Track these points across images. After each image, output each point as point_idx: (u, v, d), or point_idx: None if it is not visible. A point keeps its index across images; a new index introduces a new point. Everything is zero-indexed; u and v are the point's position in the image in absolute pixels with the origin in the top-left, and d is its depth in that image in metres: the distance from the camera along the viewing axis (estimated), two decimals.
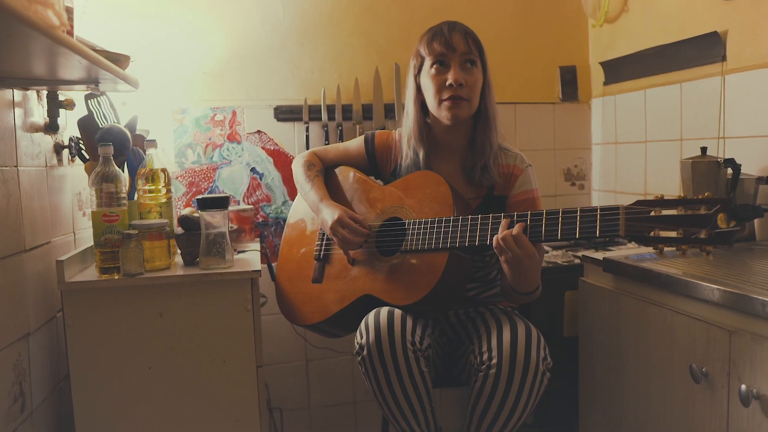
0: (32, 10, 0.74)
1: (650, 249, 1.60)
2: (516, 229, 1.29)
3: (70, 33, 1.15)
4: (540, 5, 2.46)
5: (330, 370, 2.33)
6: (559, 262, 1.84)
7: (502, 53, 2.43)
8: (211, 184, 2.19)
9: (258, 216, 2.24)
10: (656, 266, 1.43)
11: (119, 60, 1.35)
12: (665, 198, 1.12)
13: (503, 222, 1.32)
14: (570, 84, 2.48)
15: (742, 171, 1.65)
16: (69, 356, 1.48)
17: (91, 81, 1.29)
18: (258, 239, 2.12)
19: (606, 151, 2.46)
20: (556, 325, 1.82)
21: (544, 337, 1.81)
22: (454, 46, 1.49)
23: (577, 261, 1.78)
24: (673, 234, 1.10)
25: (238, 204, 2.21)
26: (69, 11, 1.13)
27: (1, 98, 1.32)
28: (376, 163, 1.68)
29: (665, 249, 1.12)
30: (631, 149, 2.29)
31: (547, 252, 1.96)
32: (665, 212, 1.11)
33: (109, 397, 1.50)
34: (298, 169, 1.69)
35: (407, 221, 1.48)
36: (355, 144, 1.71)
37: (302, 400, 2.31)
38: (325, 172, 1.70)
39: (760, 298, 1.11)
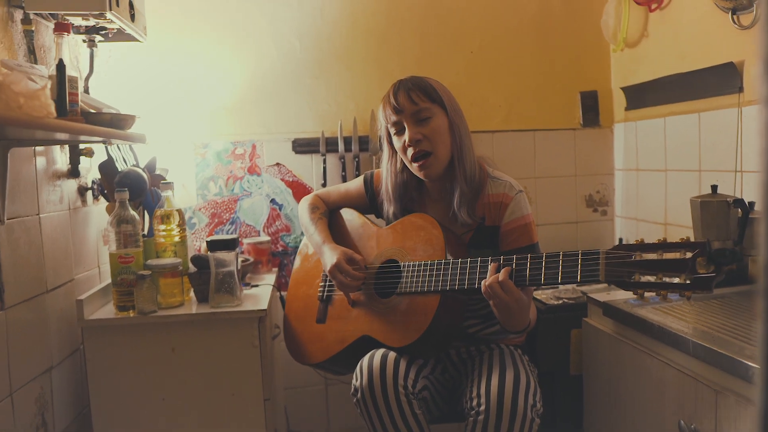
0: (25, 107, 0.83)
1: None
2: (502, 275, 1.30)
3: (74, 101, 1.24)
4: (559, 31, 2.44)
5: (350, 394, 2.37)
6: (566, 300, 1.83)
7: (520, 80, 2.42)
8: (232, 215, 2.28)
9: (278, 245, 2.31)
10: (652, 314, 1.42)
11: (124, 120, 1.44)
12: (645, 243, 1.12)
13: (491, 267, 1.33)
14: (591, 109, 2.45)
15: (756, 209, 1.60)
16: (89, 387, 1.59)
17: (104, 140, 1.38)
18: (276, 269, 2.20)
19: (628, 178, 2.42)
20: (563, 363, 1.82)
21: (550, 374, 1.83)
22: (401, 108, 1.51)
23: (585, 299, 1.76)
24: (653, 279, 1.09)
25: (258, 235, 2.29)
26: (73, 81, 1.22)
27: (22, 155, 1.43)
28: (376, 203, 1.72)
29: (645, 294, 1.12)
30: (651, 177, 2.25)
31: (557, 287, 1.95)
32: (646, 256, 1.10)
33: (127, 425, 1.60)
34: (303, 212, 1.75)
35: (402, 264, 1.52)
36: (355, 185, 1.76)
37: (322, 423, 2.37)
38: (329, 213, 1.76)
39: (745, 362, 1.09)
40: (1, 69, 1.10)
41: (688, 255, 1.04)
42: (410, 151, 1.53)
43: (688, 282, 1.03)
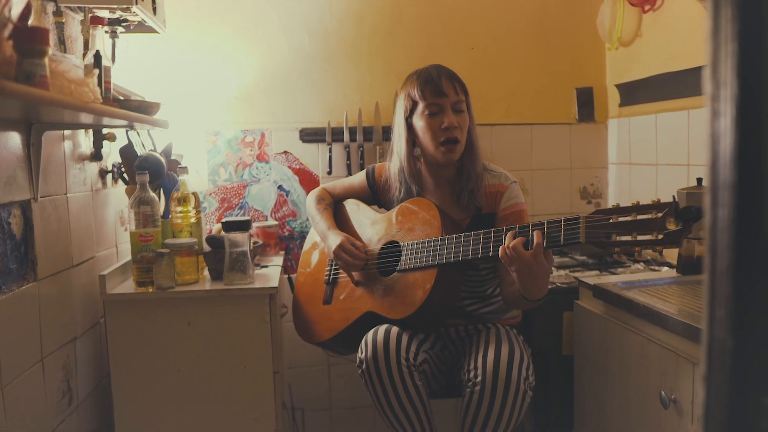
0: (75, 93, 0.93)
1: (639, 276, 1.70)
2: (536, 238, 1.34)
3: (108, 88, 1.34)
4: (557, 29, 2.54)
5: (350, 374, 2.48)
6: (559, 284, 1.94)
7: (518, 77, 2.52)
8: (241, 201, 2.38)
9: (284, 230, 2.41)
10: (639, 296, 1.53)
11: (150, 107, 1.53)
12: (620, 206, 1.23)
13: (509, 234, 1.40)
14: (586, 105, 2.55)
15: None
16: (110, 358, 1.69)
17: (128, 125, 1.48)
18: (283, 252, 2.31)
19: (621, 171, 2.52)
20: (555, 343, 1.93)
21: (543, 354, 1.94)
22: (446, 93, 1.63)
23: (576, 283, 1.87)
24: (629, 238, 1.20)
25: (266, 219, 2.39)
26: (107, 70, 1.32)
27: (53, 138, 1.53)
28: (378, 194, 1.83)
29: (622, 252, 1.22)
30: (643, 171, 2.36)
31: (552, 273, 2.06)
32: (621, 219, 1.21)
33: (144, 394, 1.70)
34: (310, 203, 1.87)
35: (402, 243, 1.63)
36: (358, 179, 1.88)
37: (324, 401, 2.48)
38: (334, 204, 1.87)
39: None
40: None
41: (659, 215, 1.15)
42: (443, 135, 1.62)
43: (660, 237, 1.14)
